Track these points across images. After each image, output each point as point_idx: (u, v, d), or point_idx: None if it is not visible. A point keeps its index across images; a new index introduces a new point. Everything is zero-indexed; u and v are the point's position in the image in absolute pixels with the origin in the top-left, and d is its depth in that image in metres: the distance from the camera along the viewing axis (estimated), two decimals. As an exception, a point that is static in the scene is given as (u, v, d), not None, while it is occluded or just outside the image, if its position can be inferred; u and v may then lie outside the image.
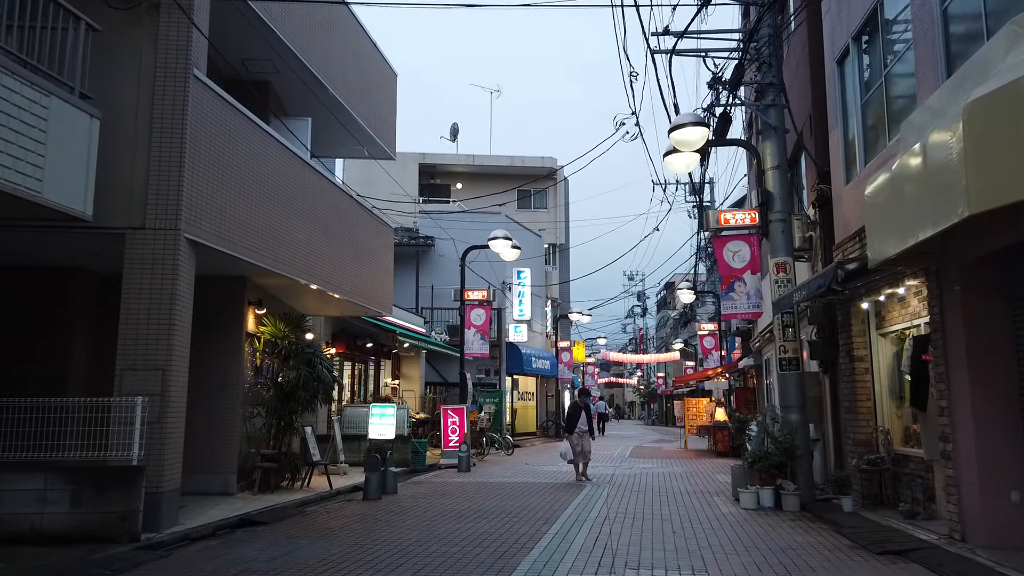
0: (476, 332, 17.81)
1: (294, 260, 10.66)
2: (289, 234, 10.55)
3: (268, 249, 9.95)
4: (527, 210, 33.52)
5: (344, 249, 12.74)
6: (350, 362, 18.32)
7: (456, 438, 16.26)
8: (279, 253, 10.25)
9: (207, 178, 8.58)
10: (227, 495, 10.24)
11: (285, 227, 10.44)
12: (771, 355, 17.03)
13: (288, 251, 10.50)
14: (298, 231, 10.86)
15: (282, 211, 10.40)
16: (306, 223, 11.19)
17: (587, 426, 13.79)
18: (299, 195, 11.04)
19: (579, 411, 13.77)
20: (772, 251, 10.59)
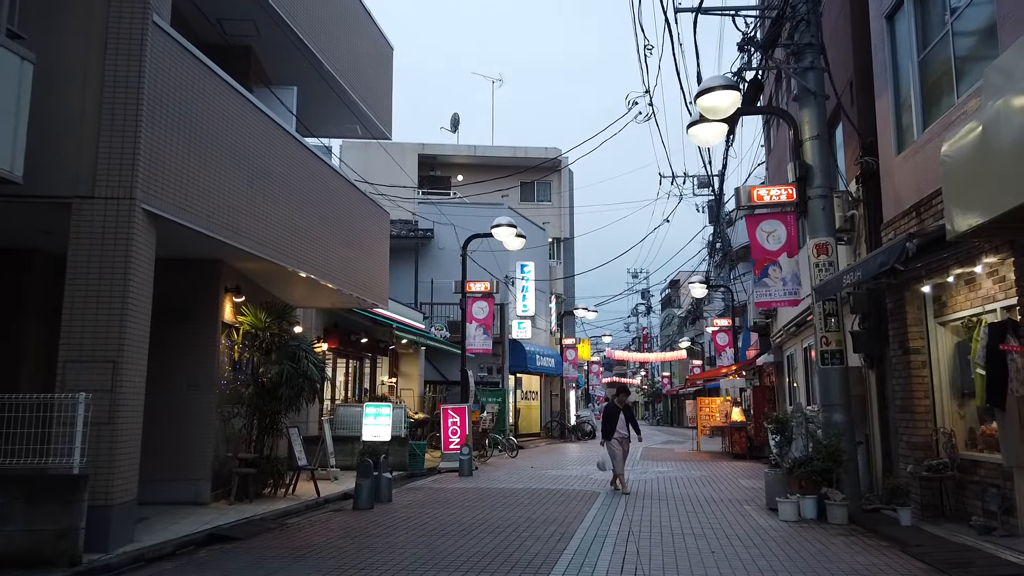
0: (478, 327, 16.67)
1: (277, 242, 9.52)
2: (271, 213, 9.41)
3: (246, 228, 8.81)
4: (530, 203, 32.41)
5: (334, 233, 11.61)
6: (344, 359, 17.19)
7: (457, 440, 15.13)
8: (259, 233, 9.12)
9: (171, 143, 7.44)
10: (199, 505, 9.10)
11: (266, 205, 9.30)
12: (794, 351, 15.89)
13: (270, 232, 9.36)
14: (281, 210, 9.72)
15: (263, 187, 9.26)
16: (291, 202, 10.05)
17: (627, 429, 11.72)
18: (283, 170, 9.90)
19: (617, 412, 11.73)
20: (811, 231, 9.44)
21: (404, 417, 15.09)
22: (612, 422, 11.71)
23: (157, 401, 9.02)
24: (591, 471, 14.79)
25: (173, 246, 8.84)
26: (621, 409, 11.77)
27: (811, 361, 14.10)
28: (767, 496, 9.59)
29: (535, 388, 28.90)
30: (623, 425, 11.69)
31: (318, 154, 11.13)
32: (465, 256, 16.47)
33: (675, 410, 57.66)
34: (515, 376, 26.39)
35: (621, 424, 11.68)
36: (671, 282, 61.30)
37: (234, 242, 8.60)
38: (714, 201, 35.85)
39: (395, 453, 14.38)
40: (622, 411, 11.75)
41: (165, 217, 7.35)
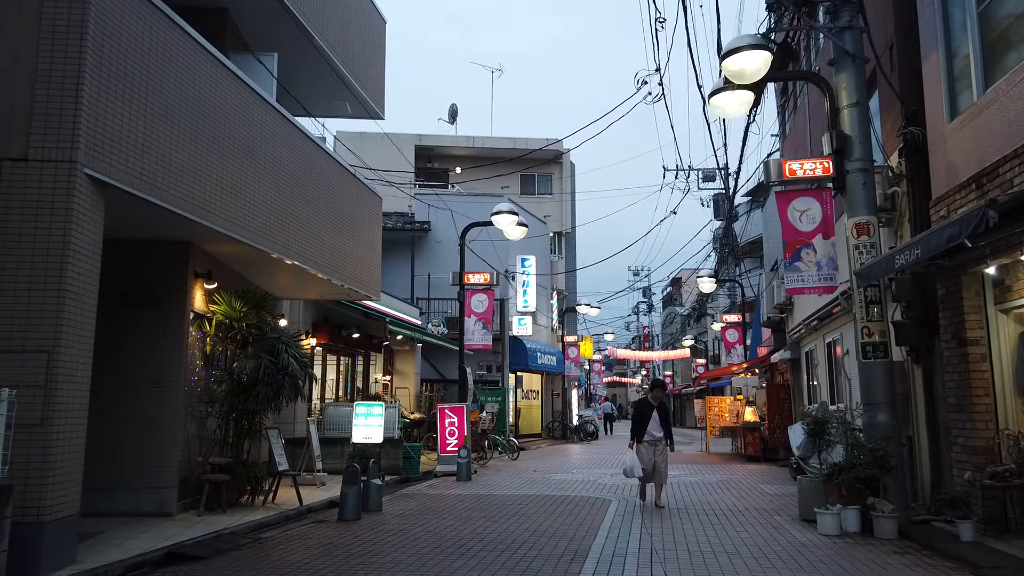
0: (477, 321, 15.68)
1: (254, 223, 8.51)
2: (248, 191, 8.40)
3: (218, 206, 7.80)
4: (531, 196, 31.39)
5: (321, 216, 10.60)
6: (334, 355, 16.18)
7: (455, 441, 14.12)
8: (234, 213, 8.11)
9: (125, 101, 6.43)
10: (164, 516, 8.09)
11: (242, 181, 8.29)
12: (815, 346, 14.90)
13: (246, 211, 8.35)
14: (260, 188, 8.71)
15: (238, 161, 8.26)
16: (271, 180, 9.04)
17: (661, 431, 9.86)
18: (262, 144, 8.89)
19: (650, 410, 9.89)
20: (850, 209, 8.44)
21: (398, 417, 14.09)
22: (643, 422, 9.89)
23: (116, 399, 8.06)
24: (598, 475, 13.78)
25: (133, 224, 7.84)
26: (655, 407, 9.94)
27: (835, 357, 13.11)
28: (801, 506, 8.60)
29: (536, 387, 27.90)
30: (656, 426, 9.85)
31: (302, 129, 10.12)
32: (463, 246, 15.46)
33: (677, 410, 56.70)
34: (515, 374, 25.40)
35: (654, 425, 9.85)
36: (673, 280, 60.32)
37: (204, 220, 7.60)
38: (722, 196, 34.93)
39: (388, 456, 13.38)
40: (655, 409, 9.92)
41: (116, 186, 6.34)
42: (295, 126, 9.89)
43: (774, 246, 20.86)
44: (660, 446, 9.85)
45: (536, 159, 31.71)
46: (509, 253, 25.07)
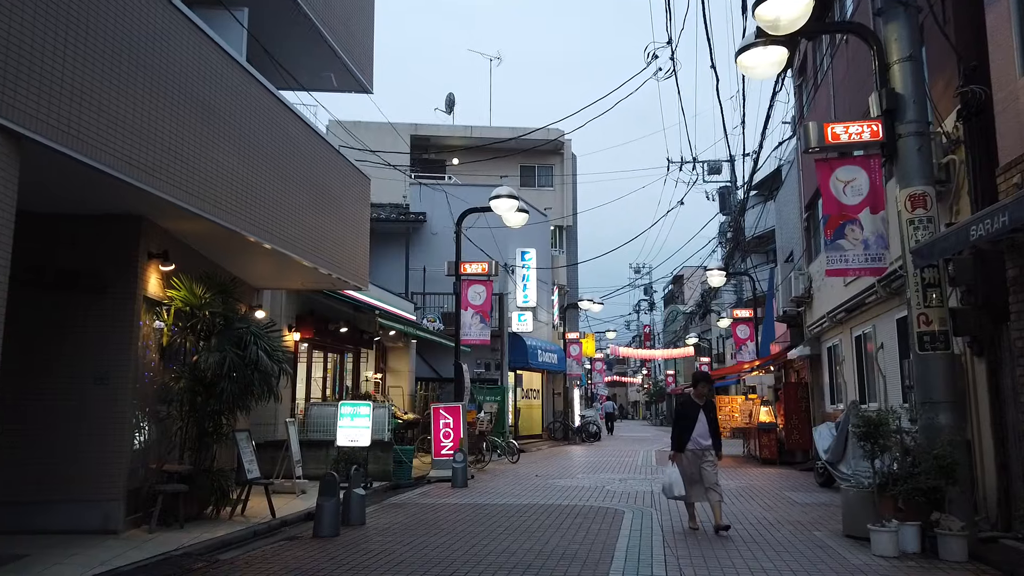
0: (475, 314, 14.56)
1: (218, 196, 7.38)
2: (211, 158, 7.28)
3: (175, 174, 6.67)
4: (531, 188, 30.28)
5: (299, 194, 9.49)
6: (320, 351, 15.06)
7: (450, 444, 13.00)
8: (193, 183, 6.98)
9: (44, 37, 5.31)
10: (108, 534, 6.97)
11: (204, 146, 7.16)
12: (840, 341, 13.79)
13: (209, 182, 7.22)
14: (226, 156, 7.58)
15: (198, 123, 7.12)
16: (238, 148, 7.90)
17: (711, 439, 7.93)
18: (228, 106, 7.76)
19: (696, 411, 7.97)
20: (902, 178, 7.34)
21: (389, 418, 12.98)
22: (688, 426, 7.91)
23: (53, 399, 6.95)
24: (606, 481, 12.67)
25: (72, 193, 6.74)
26: (701, 407, 8.01)
27: (865, 353, 12.01)
28: (845, 520, 7.50)
29: (536, 386, 26.79)
30: (704, 431, 7.92)
31: (275, 92, 8.98)
32: (459, 233, 14.35)
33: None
34: (515, 373, 24.29)
35: (701, 430, 7.90)
36: (675, 277, 59.23)
37: (157, 191, 6.47)
38: (728, 189, 33.84)
39: (376, 461, 12.28)
40: (702, 410, 7.99)
41: (35, 140, 5.21)
42: (267, 89, 8.76)
43: (788, 237, 19.79)
44: (709, 456, 7.94)
45: (536, 149, 30.59)
46: (509, 246, 23.98)
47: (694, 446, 7.94)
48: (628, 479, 13.15)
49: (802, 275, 16.14)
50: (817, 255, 15.70)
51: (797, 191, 18.15)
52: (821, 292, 14.94)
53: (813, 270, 15.81)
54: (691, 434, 7.92)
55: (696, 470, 7.92)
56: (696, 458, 7.95)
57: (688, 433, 7.95)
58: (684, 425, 8.00)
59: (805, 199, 16.56)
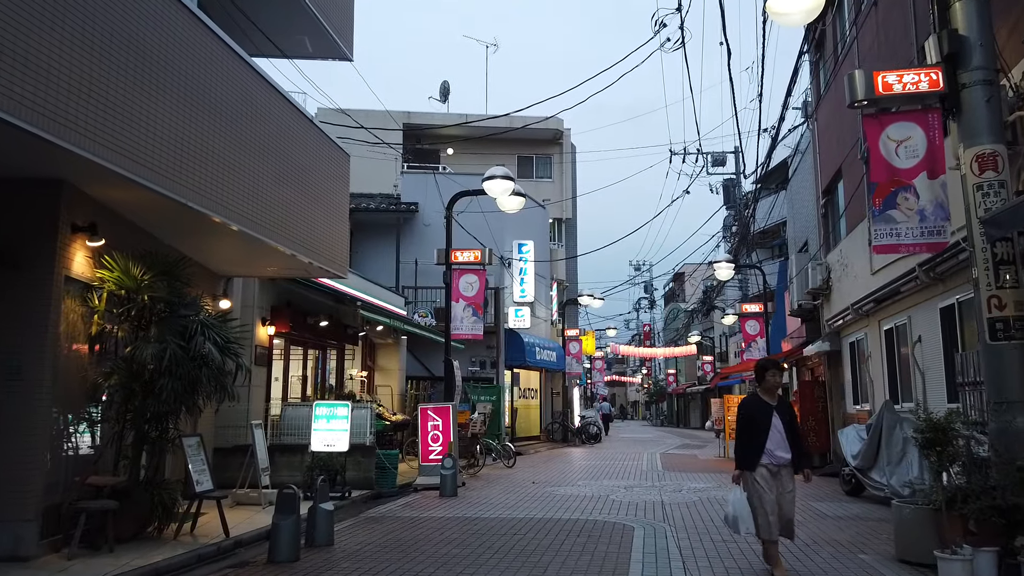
0: (467, 306, 13.39)
1: (156, 157, 6.20)
2: (150, 115, 6.09)
3: (104, 130, 5.51)
4: (529, 180, 29.07)
5: (263, 165, 8.32)
6: (299, 347, 13.89)
7: (439, 448, 11.84)
8: (128, 142, 5.81)
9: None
10: (16, 561, 5.79)
11: (139, 98, 5.99)
12: (866, 335, 12.63)
13: (144, 140, 6.03)
14: (169, 114, 6.39)
15: (133, 69, 5.95)
16: (186, 106, 6.72)
17: (789, 451, 5.81)
18: (173, 56, 6.56)
19: (768, 414, 5.82)
20: (968, 136, 6.17)
21: (372, 419, 11.81)
22: (759, 432, 5.80)
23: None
24: (610, 489, 11.49)
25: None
26: (774, 408, 5.87)
27: (898, 348, 10.85)
28: (899, 543, 6.33)
29: (534, 385, 25.62)
30: (779, 440, 5.78)
31: (236, 49, 7.80)
32: (450, 218, 13.18)
33: (681, 410, 54.49)
34: (512, 371, 23.12)
35: (777, 438, 5.78)
36: (676, 275, 58.10)
37: (81, 149, 5.31)
38: (733, 182, 32.71)
39: (357, 467, 11.12)
40: (775, 412, 5.86)
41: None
42: (225, 43, 7.57)
43: (802, 227, 18.65)
44: (786, 476, 5.88)
45: (534, 139, 29.46)
46: (505, 238, 22.82)
47: (771, 461, 5.77)
48: (634, 487, 11.99)
49: (819, 265, 15.00)
50: (836, 244, 14.56)
51: (812, 177, 17.02)
52: (842, 283, 13.80)
53: (832, 260, 14.66)
54: (765, 443, 5.76)
55: (777, 496, 5.80)
56: (774, 478, 5.80)
57: (760, 444, 5.77)
58: (752, 433, 5.84)
59: (823, 184, 15.42)
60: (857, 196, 12.42)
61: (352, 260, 22.77)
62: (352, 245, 23.03)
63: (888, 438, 9.92)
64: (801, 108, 22.08)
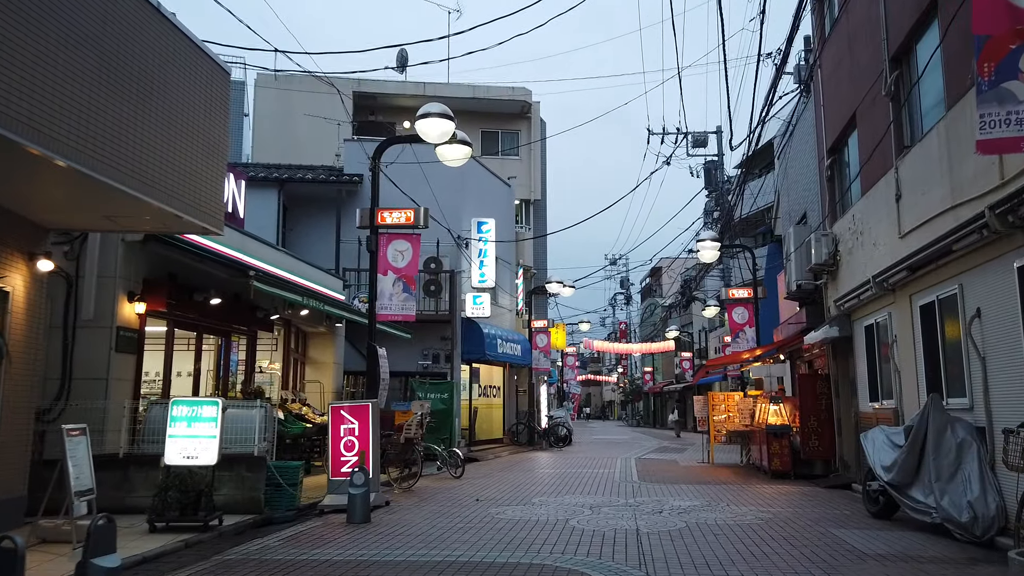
0: (397, 280, 10.76)
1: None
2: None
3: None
4: (494, 157, 26.54)
5: (84, 65, 5.71)
6: (189, 331, 11.19)
7: (353, 458, 9.21)
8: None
9: None
10: None
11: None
12: (888, 315, 10.20)
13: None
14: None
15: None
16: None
17: None
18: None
19: None
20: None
21: (269, 422, 9.18)
22: None
23: None
24: (572, 509, 8.93)
25: None
26: None
27: (942, 327, 8.44)
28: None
29: (497, 382, 23.06)
30: None
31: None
32: (377, 171, 10.55)
33: (658, 409, 52.29)
34: (471, 366, 20.53)
35: None
36: (653, 270, 55.93)
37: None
38: (714, 164, 30.43)
39: (239, 485, 8.50)
40: None
41: None
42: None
43: (799, 198, 16.29)
44: None
45: (500, 112, 26.96)
46: (463, 216, 20.26)
47: None
48: (603, 505, 9.49)
49: (825, 237, 12.62)
50: (845, 211, 12.19)
51: (811, 140, 14.67)
52: (854, 255, 11.42)
53: (840, 229, 12.29)
54: None
55: None
56: None
57: None
58: None
59: (828, 142, 13.05)
60: (879, 147, 10.02)
61: (285, 238, 20.07)
62: (286, 221, 20.37)
63: (937, 445, 7.52)
64: (794, 74, 19.76)
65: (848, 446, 12.44)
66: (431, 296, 18.89)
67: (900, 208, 9.35)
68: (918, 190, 8.77)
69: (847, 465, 12.46)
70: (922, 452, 7.61)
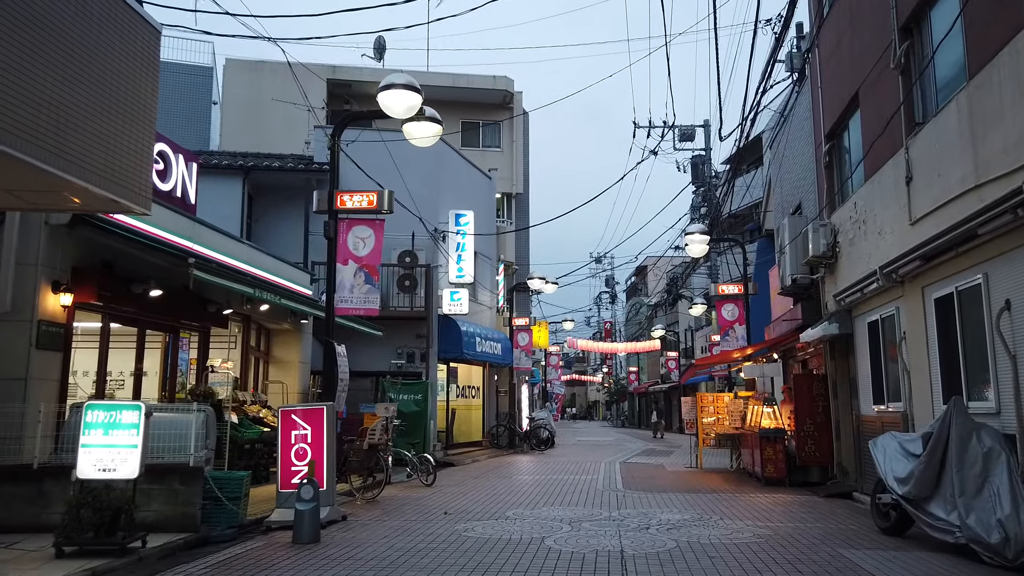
0: (358, 270, 9.76)
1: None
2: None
3: None
4: (474, 148, 25.61)
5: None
6: (132, 327, 10.14)
7: (305, 468, 8.21)
8: None
9: None
10: None
11: None
12: (896, 310, 9.31)
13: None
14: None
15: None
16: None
17: None
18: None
19: None
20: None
21: (207, 427, 8.15)
22: None
23: None
24: (551, 524, 7.96)
25: None
26: None
27: (962, 321, 7.58)
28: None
29: (476, 382, 22.09)
30: None
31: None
32: (336, 149, 9.57)
33: (643, 410, 51.52)
34: (448, 365, 19.56)
35: None
36: (638, 269, 55.16)
37: None
38: (702, 159, 29.65)
39: (170, 499, 7.51)
40: None
41: None
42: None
43: (792, 188, 15.46)
44: None
45: (481, 102, 26.00)
46: (440, 208, 19.28)
47: None
48: (583, 520, 8.55)
49: (823, 227, 11.77)
50: (845, 199, 11.35)
51: (807, 126, 13.84)
52: (856, 246, 10.58)
53: (840, 219, 11.45)
54: None
55: None
56: None
57: None
58: None
59: (826, 126, 12.20)
60: (887, 128, 9.15)
61: (250, 230, 19.01)
62: (251, 212, 19.30)
63: (960, 454, 6.64)
64: (786, 61, 18.95)
65: (847, 451, 11.60)
66: (405, 292, 17.91)
67: (911, 192, 8.49)
68: (933, 171, 7.91)
69: (846, 472, 11.62)
70: (943, 462, 6.74)
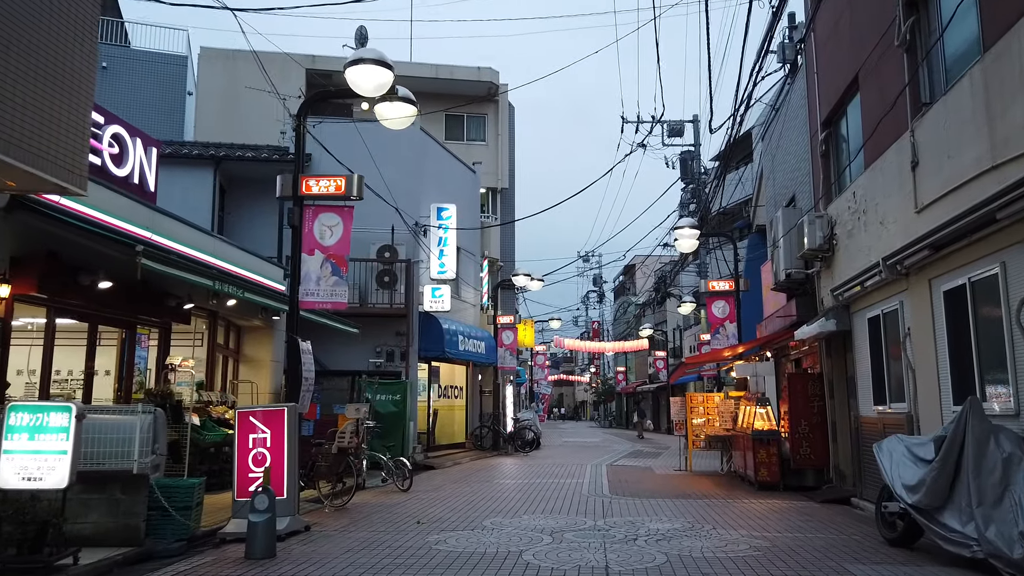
0: (326, 261, 9.09)
1: None
2: None
3: None
4: (459, 142, 24.96)
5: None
6: (75, 320, 9.42)
7: (261, 474, 7.53)
8: None
9: None
10: None
11: None
12: (899, 304, 8.75)
13: None
14: None
15: None
16: None
17: None
18: None
19: None
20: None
21: (156, 431, 7.45)
22: None
23: None
24: (529, 535, 7.32)
25: None
26: None
27: (975, 316, 7.01)
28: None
29: (459, 382, 21.44)
30: None
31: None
32: (301, 130, 8.92)
33: (631, 410, 50.99)
34: (429, 364, 18.89)
35: None
36: (626, 268, 54.67)
37: None
38: (690, 155, 29.15)
39: (111, 510, 6.83)
40: None
41: None
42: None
43: (786, 180, 14.91)
44: None
45: (466, 95, 25.32)
46: (422, 202, 18.61)
47: None
48: (566, 530, 7.92)
49: (819, 219, 11.21)
50: (843, 189, 10.79)
51: (801, 116, 13.29)
52: (855, 238, 10.02)
53: (837, 210, 10.89)
54: None
55: None
56: None
57: None
58: None
59: (822, 113, 11.65)
60: (891, 110, 8.58)
61: (223, 223, 18.28)
62: (224, 205, 18.57)
63: (977, 460, 6.07)
64: (778, 52, 18.43)
65: (844, 454, 11.05)
66: (385, 288, 17.23)
67: (917, 177, 7.93)
68: (942, 153, 7.34)
69: (843, 476, 11.07)
70: (957, 468, 6.16)
